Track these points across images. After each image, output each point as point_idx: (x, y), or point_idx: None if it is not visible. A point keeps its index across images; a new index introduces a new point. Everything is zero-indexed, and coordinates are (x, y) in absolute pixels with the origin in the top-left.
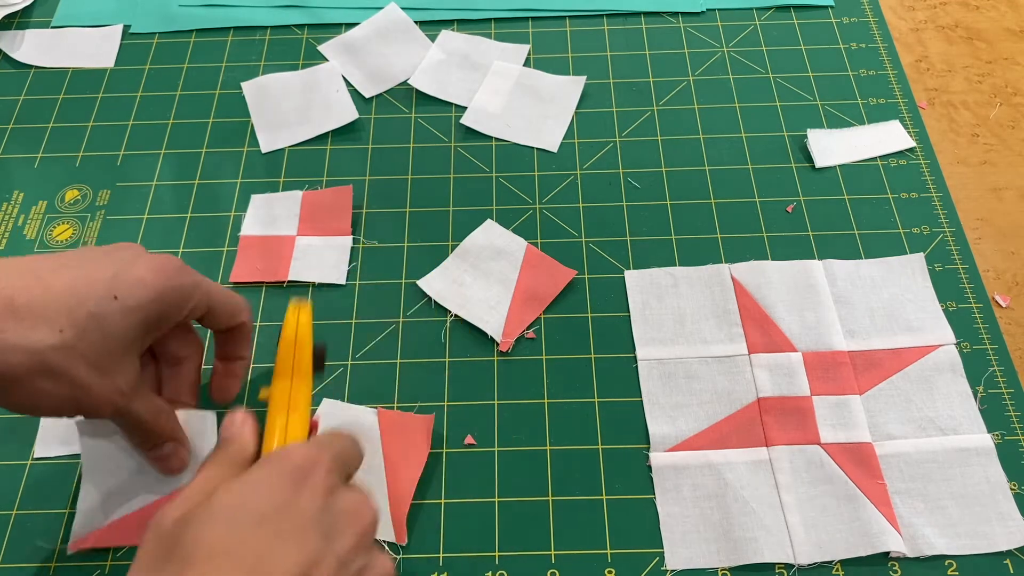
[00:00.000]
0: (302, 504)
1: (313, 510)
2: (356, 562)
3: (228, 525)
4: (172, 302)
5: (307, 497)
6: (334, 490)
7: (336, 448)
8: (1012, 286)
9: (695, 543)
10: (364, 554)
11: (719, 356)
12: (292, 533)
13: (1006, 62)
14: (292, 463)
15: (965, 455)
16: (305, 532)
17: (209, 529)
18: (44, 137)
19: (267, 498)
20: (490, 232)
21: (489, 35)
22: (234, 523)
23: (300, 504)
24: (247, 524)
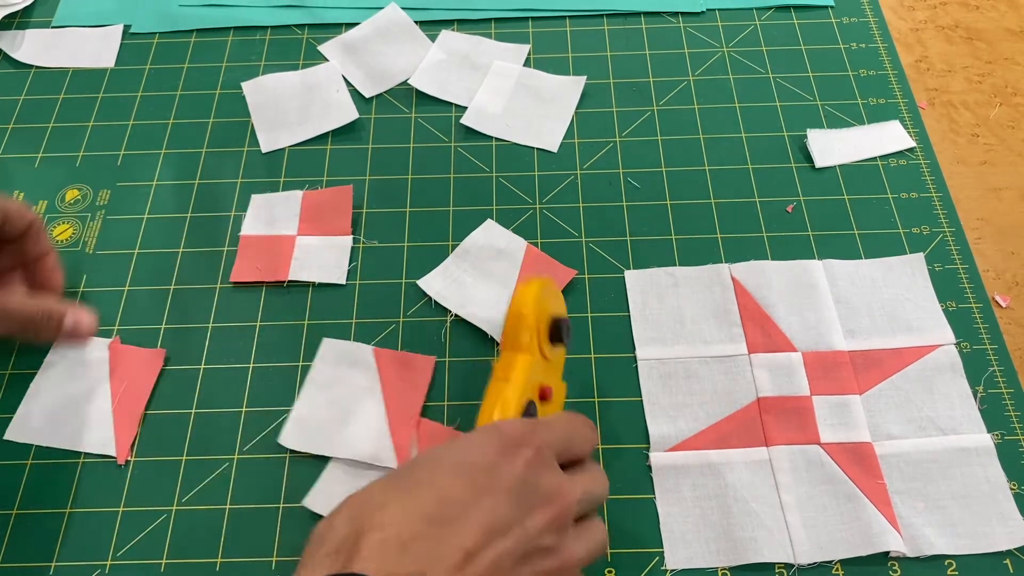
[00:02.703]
0: (503, 470)
1: (512, 478)
2: (544, 540)
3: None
4: None
5: (510, 466)
6: (540, 468)
7: (557, 431)
8: (1012, 286)
9: (695, 543)
10: (554, 535)
11: (719, 356)
12: (489, 490)
13: (1006, 62)
14: (504, 433)
15: (965, 455)
16: (499, 495)
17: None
18: (44, 137)
19: (472, 455)
20: (490, 232)
21: (489, 35)
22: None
23: (501, 469)
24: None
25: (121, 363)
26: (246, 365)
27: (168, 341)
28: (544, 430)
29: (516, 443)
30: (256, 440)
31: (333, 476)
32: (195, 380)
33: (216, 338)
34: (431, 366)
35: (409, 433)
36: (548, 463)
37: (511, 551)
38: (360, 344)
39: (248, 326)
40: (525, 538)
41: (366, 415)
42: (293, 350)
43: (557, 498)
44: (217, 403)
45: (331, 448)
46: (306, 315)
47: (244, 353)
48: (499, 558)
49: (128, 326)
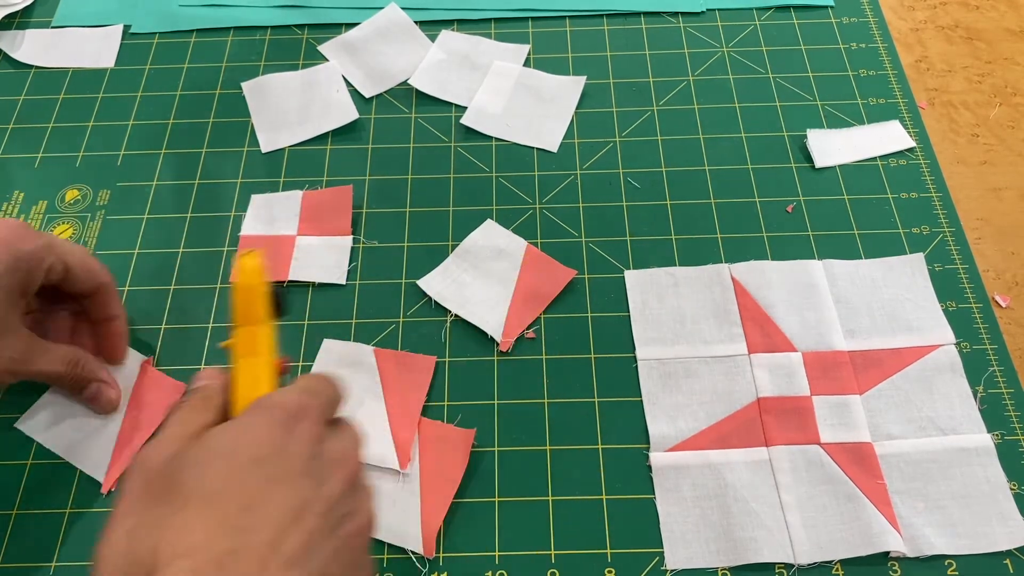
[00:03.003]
0: (293, 449)
1: (305, 455)
2: (343, 506)
3: (224, 466)
4: (27, 268)
5: (298, 443)
6: (323, 436)
7: (323, 395)
8: (1012, 286)
9: (695, 543)
10: (351, 499)
11: (719, 356)
12: (285, 477)
13: (1006, 62)
14: (284, 410)
15: (965, 455)
16: (297, 476)
17: (205, 470)
18: (44, 137)
19: (260, 442)
20: (490, 232)
21: (489, 35)
22: (230, 465)
23: (292, 449)
24: (242, 466)
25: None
26: None
27: (168, 341)
28: (315, 395)
29: (296, 417)
30: None
31: None
32: None
33: (216, 338)
34: (431, 366)
35: (411, 433)
36: (323, 429)
37: (318, 527)
38: (360, 344)
39: None
40: (327, 507)
41: (367, 415)
42: (293, 350)
43: (344, 462)
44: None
45: None
46: (306, 315)
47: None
48: (310, 538)
49: (128, 326)
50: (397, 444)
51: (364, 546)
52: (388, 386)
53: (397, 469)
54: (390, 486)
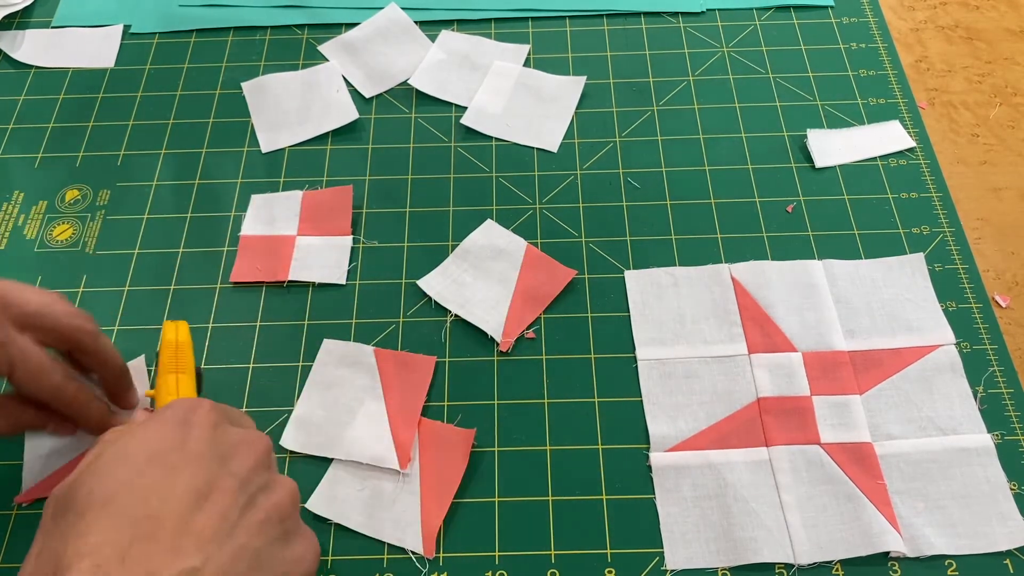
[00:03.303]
0: (191, 440)
1: (204, 440)
2: (257, 480)
3: (116, 471)
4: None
5: (195, 434)
6: (220, 425)
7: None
8: (1012, 286)
9: (695, 543)
10: (264, 472)
11: (719, 356)
12: (185, 463)
13: (1006, 62)
14: (175, 410)
15: (965, 455)
16: (197, 460)
17: (98, 479)
18: (44, 137)
19: (154, 441)
20: (490, 232)
21: (489, 35)
22: (122, 468)
23: (190, 439)
24: (135, 466)
25: None
26: (246, 365)
27: None
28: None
29: (190, 412)
30: None
31: (335, 478)
32: None
33: (216, 338)
34: (431, 366)
35: (411, 433)
36: (227, 421)
37: (232, 503)
38: (360, 345)
39: (248, 326)
40: (238, 482)
41: (367, 416)
42: (293, 350)
43: (251, 443)
44: None
45: (332, 449)
46: (306, 315)
47: (244, 353)
48: (223, 513)
49: (128, 326)
50: (397, 444)
51: (291, 516)
52: (388, 386)
53: (397, 469)
54: (390, 486)
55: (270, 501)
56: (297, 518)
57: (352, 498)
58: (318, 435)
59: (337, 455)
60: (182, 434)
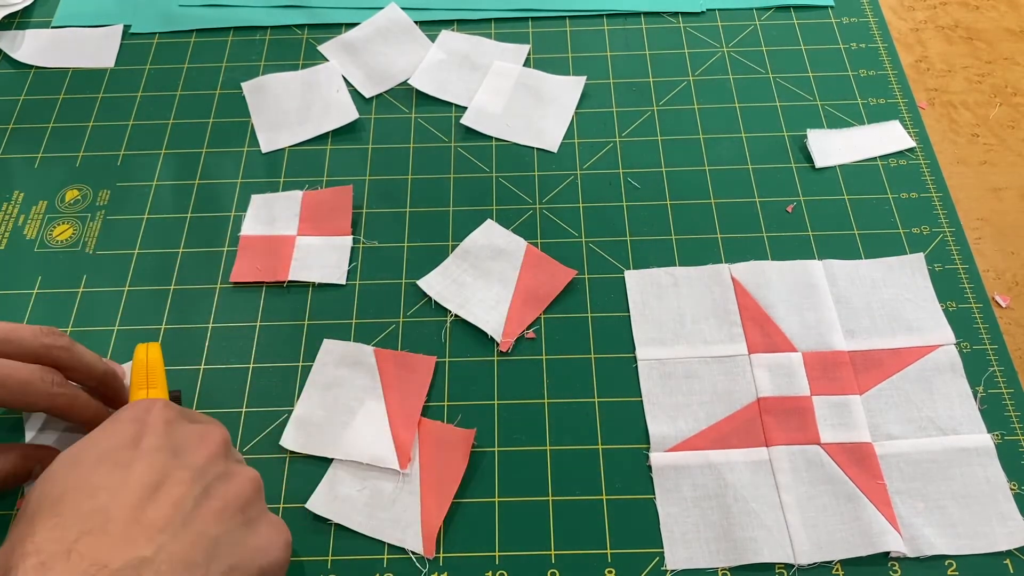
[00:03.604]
0: (144, 437)
1: (155, 438)
2: (213, 470)
3: (67, 472)
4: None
5: (148, 431)
6: (174, 422)
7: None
8: (1012, 286)
9: (695, 543)
10: (222, 462)
11: (719, 356)
12: (135, 459)
13: (1006, 62)
14: (128, 411)
15: (965, 455)
16: (150, 455)
17: (50, 483)
18: (44, 137)
19: (106, 441)
20: (490, 232)
21: (489, 35)
22: (73, 469)
23: (142, 437)
24: (86, 466)
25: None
26: (246, 365)
27: (168, 341)
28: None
29: (145, 409)
30: (256, 440)
31: (335, 478)
32: (195, 380)
33: (216, 338)
34: (431, 366)
35: (411, 433)
36: (182, 420)
37: (186, 492)
38: (361, 345)
39: (248, 326)
40: (193, 473)
41: (367, 416)
42: (293, 350)
43: (206, 435)
44: (217, 403)
45: (332, 449)
46: (306, 315)
47: (244, 353)
48: (177, 503)
49: (128, 326)
50: (397, 444)
51: (252, 504)
52: (388, 386)
53: (397, 469)
54: (390, 486)
55: (228, 489)
56: (262, 507)
57: (352, 498)
58: (318, 435)
59: (337, 455)
60: (135, 432)
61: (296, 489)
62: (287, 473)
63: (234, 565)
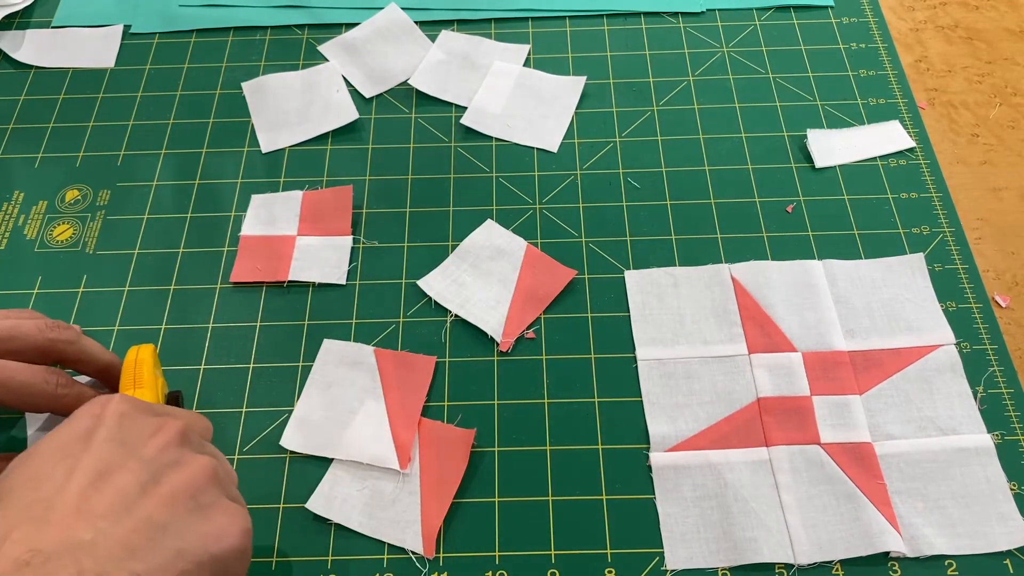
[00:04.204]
0: (96, 430)
1: (107, 430)
2: (163, 458)
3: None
4: None
5: (101, 424)
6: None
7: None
8: (1012, 286)
9: (695, 543)
10: (175, 451)
11: (719, 356)
12: (84, 451)
13: (1006, 62)
14: (87, 407)
15: (965, 455)
16: (99, 446)
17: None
18: (44, 137)
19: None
20: (490, 232)
21: (489, 35)
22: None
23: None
24: (37, 459)
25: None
26: (246, 365)
27: (168, 341)
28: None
29: (101, 405)
30: (256, 440)
31: (335, 478)
32: (195, 380)
33: (216, 338)
34: (431, 366)
35: (411, 433)
36: (140, 412)
37: (131, 480)
38: (361, 345)
39: (248, 326)
40: (141, 463)
41: (367, 416)
42: (293, 350)
43: (163, 425)
44: (217, 403)
45: (332, 449)
46: (306, 315)
47: (244, 353)
48: (122, 490)
49: (128, 326)
50: (397, 444)
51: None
52: (388, 386)
53: (397, 469)
54: (390, 486)
55: (179, 477)
56: (216, 494)
57: (352, 498)
58: (318, 435)
59: (337, 455)
60: (88, 426)
61: (296, 489)
62: (287, 473)
63: (182, 550)
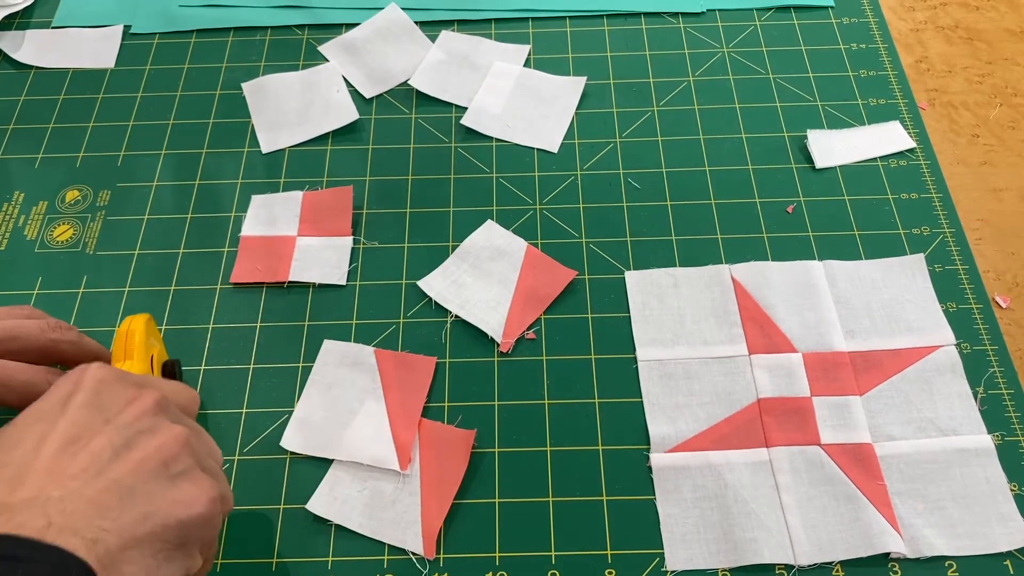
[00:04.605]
0: (73, 397)
1: (84, 396)
2: (138, 425)
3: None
4: None
5: (78, 391)
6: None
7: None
8: (1012, 287)
9: (695, 544)
10: (150, 419)
11: (719, 357)
12: (59, 417)
13: (1006, 62)
14: (68, 375)
15: (965, 456)
16: (75, 411)
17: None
18: (45, 137)
19: (41, 404)
20: (490, 232)
21: (489, 35)
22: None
23: (71, 398)
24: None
25: None
26: (246, 366)
27: (168, 341)
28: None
29: (78, 373)
30: (256, 441)
31: (336, 479)
32: (195, 381)
33: (216, 339)
34: (432, 367)
35: (411, 434)
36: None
37: (104, 444)
38: (361, 345)
39: (248, 327)
40: (118, 430)
41: (367, 416)
42: (293, 351)
43: (140, 394)
44: (217, 404)
45: (332, 450)
46: (306, 316)
47: (244, 354)
48: (94, 453)
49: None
50: (397, 445)
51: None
52: (388, 387)
53: (397, 470)
54: (390, 487)
55: (151, 443)
56: (189, 463)
57: (352, 499)
58: (318, 436)
59: (337, 456)
60: (67, 393)
61: (296, 490)
62: (287, 474)
63: (149, 513)
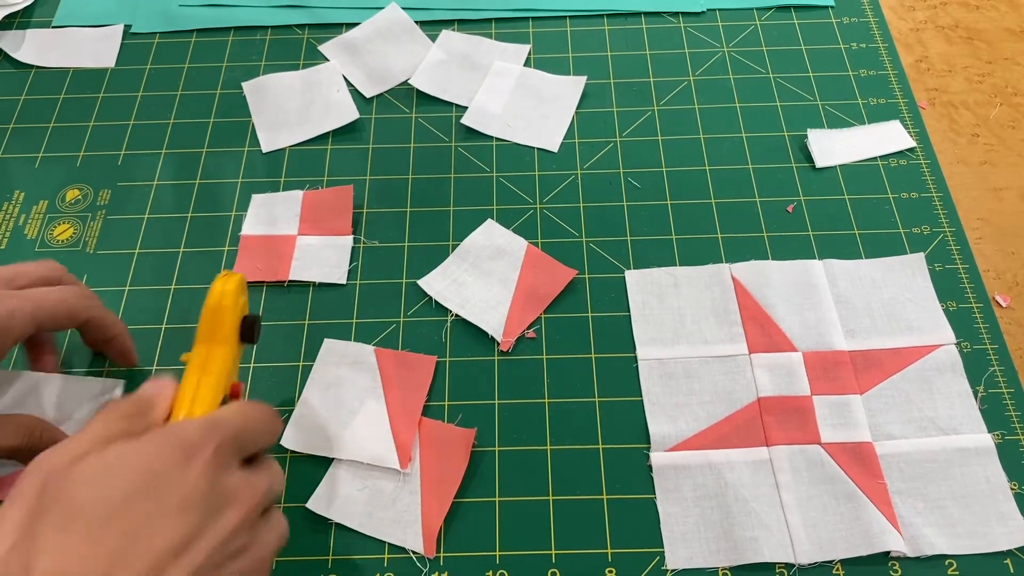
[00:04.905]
0: (188, 479)
1: (199, 486)
2: (237, 541)
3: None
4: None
5: (194, 473)
6: (220, 470)
7: (236, 425)
8: (1012, 286)
9: (695, 543)
10: (246, 533)
11: (719, 356)
12: (174, 508)
13: (1006, 62)
14: (183, 438)
15: (965, 455)
16: (187, 508)
17: (96, 490)
18: (45, 137)
19: (154, 468)
20: (490, 232)
21: (489, 35)
22: (122, 489)
23: (187, 479)
24: (133, 492)
25: None
26: (246, 365)
27: (169, 341)
28: (222, 428)
29: (196, 447)
30: None
31: (336, 478)
32: None
33: None
34: (432, 366)
35: (411, 433)
36: (228, 462)
37: (206, 563)
38: (361, 344)
39: None
40: (218, 545)
41: (367, 416)
42: (293, 350)
43: (243, 497)
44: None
45: (332, 449)
46: (306, 315)
47: (244, 353)
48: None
49: (129, 326)
50: (397, 444)
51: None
52: (388, 386)
53: (397, 469)
54: (390, 486)
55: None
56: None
57: (353, 498)
58: (318, 435)
59: (338, 455)
60: (183, 468)
61: (296, 489)
62: (288, 473)
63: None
